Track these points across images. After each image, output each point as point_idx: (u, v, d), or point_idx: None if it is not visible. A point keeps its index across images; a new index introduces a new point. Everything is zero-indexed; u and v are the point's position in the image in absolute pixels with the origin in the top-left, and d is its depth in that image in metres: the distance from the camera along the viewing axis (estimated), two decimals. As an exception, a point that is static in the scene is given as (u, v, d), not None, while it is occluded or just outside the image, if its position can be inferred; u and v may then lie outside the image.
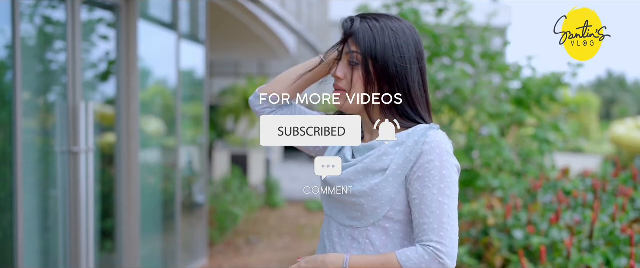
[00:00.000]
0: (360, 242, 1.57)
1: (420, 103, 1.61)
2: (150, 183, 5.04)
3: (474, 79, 5.67)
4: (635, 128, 15.90)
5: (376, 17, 1.62)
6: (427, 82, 1.65)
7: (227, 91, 14.43)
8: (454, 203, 1.51)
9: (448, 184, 1.51)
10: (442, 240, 1.47)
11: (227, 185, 9.02)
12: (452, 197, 1.51)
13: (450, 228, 1.48)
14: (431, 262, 1.45)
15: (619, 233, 3.21)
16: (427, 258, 1.46)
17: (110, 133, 4.38)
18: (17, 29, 3.23)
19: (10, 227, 3.24)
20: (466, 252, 3.98)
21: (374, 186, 1.54)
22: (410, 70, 1.59)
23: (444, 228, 1.48)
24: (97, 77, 4.32)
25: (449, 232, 1.48)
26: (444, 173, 1.51)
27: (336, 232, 1.62)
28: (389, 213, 1.55)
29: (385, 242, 1.56)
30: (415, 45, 1.61)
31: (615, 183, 4.45)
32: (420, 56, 1.62)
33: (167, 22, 5.20)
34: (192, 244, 5.78)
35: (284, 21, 6.96)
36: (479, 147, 5.25)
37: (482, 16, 6.45)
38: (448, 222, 1.48)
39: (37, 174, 3.59)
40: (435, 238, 1.47)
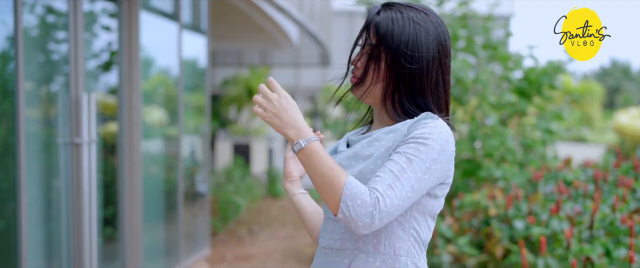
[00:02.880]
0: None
1: (435, 102, 1.57)
2: (153, 172, 5.06)
3: (476, 69, 5.67)
4: (638, 117, 15.86)
5: (402, 8, 1.57)
6: (449, 82, 1.60)
7: (230, 81, 14.43)
8: (416, 178, 1.44)
9: (421, 160, 1.45)
10: (387, 197, 1.40)
11: (229, 174, 9.05)
12: (418, 173, 1.44)
13: (398, 194, 1.41)
14: (366, 205, 1.38)
15: (619, 224, 3.22)
16: (367, 200, 1.38)
17: (113, 122, 4.39)
18: (19, 19, 3.24)
19: (13, 217, 3.27)
20: (467, 242, 3.99)
21: (362, 169, 1.52)
22: (425, 69, 1.54)
23: (393, 188, 1.41)
24: (100, 67, 4.33)
25: (396, 195, 1.41)
26: (421, 149, 1.46)
27: (331, 228, 1.62)
28: None
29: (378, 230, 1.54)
30: (437, 43, 1.55)
31: (616, 173, 4.46)
32: (442, 54, 1.56)
33: (169, 13, 5.20)
34: (195, 234, 5.81)
35: (285, 11, 6.95)
36: (481, 137, 5.26)
37: (485, 6, 6.43)
38: (400, 188, 1.42)
39: (40, 165, 3.61)
40: (382, 190, 1.40)
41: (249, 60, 15.25)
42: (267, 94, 1.51)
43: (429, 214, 1.58)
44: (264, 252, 6.47)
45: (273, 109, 1.49)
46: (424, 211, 1.56)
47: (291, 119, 1.49)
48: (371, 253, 1.54)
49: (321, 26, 11.22)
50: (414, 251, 1.56)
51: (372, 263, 1.53)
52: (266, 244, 6.83)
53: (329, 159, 1.45)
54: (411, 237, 1.55)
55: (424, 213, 1.56)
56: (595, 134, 26.11)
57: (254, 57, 15.29)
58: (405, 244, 1.54)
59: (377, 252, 1.54)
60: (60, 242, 3.70)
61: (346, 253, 1.57)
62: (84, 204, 3.63)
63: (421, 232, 1.57)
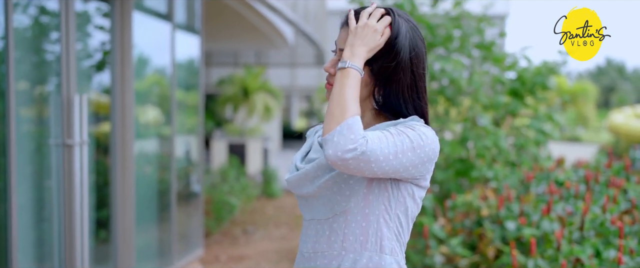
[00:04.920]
0: (338, 227, 1.59)
1: (410, 107, 1.61)
2: (146, 173, 5.06)
3: (469, 70, 5.67)
4: (633, 116, 15.91)
5: None
6: (423, 88, 1.63)
7: (226, 80, 14.44)
8: (401, 149, 1.49)
9: (408, 137, 1.50)
10: (373, 143, 1.45)
11: (224, 174, 9.04)
12: (403, 146, 1.49)
13: (383, 147, 1.46)
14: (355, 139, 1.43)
15: (609, 225, 3.23)
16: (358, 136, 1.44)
17: (106, 122, 4.39)
18: (10, 19, 3.24)
19: (4, 217, 3.26)
20: (459, 243, 4.00)
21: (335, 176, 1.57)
22: (401, 73, 1.58)
23: (380, 141, 1.46)
24: (93, 67, 4.32)
25: (380, 148, 1.46)
26: (409, 132, 1.52)
27: (314, 232, 1.64)
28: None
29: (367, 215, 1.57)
30: (411, 50, 1.60)
31: (608, 174, 4.47)
32: (416, 60, 1.61)
33: (162, 13, 5.20)
34: (188, 234, 5.81)
35: (278, 11, 6.95)
36: (474, 137, 5.27)
37: (479, 7, 6.44)
38: (386, 145, 1.46)
39: (32, 165, 3.60)
40: (370, 138, 1.46)
41: (244, 60, 15.26)
42: (363, 17, 1.59)
43: (410, 217, 1.63)
44: (258, 252, 6.47)
45: (355, 29, 1.58)
46: (407, 213, 1.61)
47: (355, 44, 1.56)
48: (358, 252, 1.58)
49: (316, 26, 11.22)
50: (397, 250, 1.61)
51: (359, 262, 1.57)
52: (260, 245, 6.83)
53: (356, 93, 1.51)
54: (394, 237, 1.60)
55: (407, 215, 1.62)
56: (590, 134, 26.16)
57: (249, 57, 15.30)
58: (390, 243, 1.59)
59: (364, 250, 1.58)
60: (52, 243, 3.70)
61: (333, 255, 1.60)
62: (76, 205, 3.63)
63: (402, 233, 1.62)
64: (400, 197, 1.59)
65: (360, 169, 1.45)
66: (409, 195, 1.60)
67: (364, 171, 1.46)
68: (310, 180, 1.61)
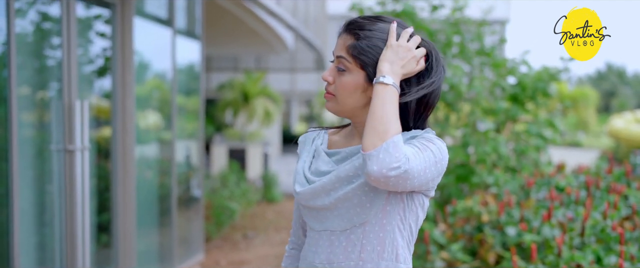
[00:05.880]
0: (357, 239, 1.59)
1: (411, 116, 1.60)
2: (147, 177, 5.06)
3: (469, 75, 5.68)
4: (633, 121, 15.91)
5: (373, 22, 1.60)
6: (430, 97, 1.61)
7: (226, 85, 14.45)
8: (428, 161, 1.50)
9: (432, 151, 1.52)
10: (413, 161, 1.46)
11: (224, 179, 9.04)
12: (429, 160, 1.51)
13: (420, 163, 1.48)
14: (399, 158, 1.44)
15: (610, 231, 3.22)
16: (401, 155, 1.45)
17: (107, 127, 4.40)
18: (12, 24, 3.25)
19: (6, 222, 3.27)
20: (460, 248, 4.00)
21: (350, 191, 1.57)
22: (415, 101, 1.59)
23: (416, 157, 1.48)
24: (95, 73, 4.33)
25: (418, 163, 1.47)
26: (430, 146, 1.53)
27: (327, 243, 1.62)
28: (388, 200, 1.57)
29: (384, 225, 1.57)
30: (436, 88, 1.60)
31: (608, 180, 4.47)
32: (436, 92, 1.61)
33: (163, 19, 5.21)
34: (189, 239, 5.81)
35: (278, 17, 6.97)
36: (474, 143, 5.27)
37: (479, 12, 6.45)
38: (421, 159, 1.48)
39: (33, 170, 3.61)
40: (410, 154, 1.47)
41: (244, 65, 15.27)
42: (404, 37, 1.58)
43: (419, 225, 1.65)
44: (259, 257, 6.47)
45: (397, 47, 1.56)
46: (417, 222, 1.63)
47: (395, 62, 1.55)
48: (376, 262, 1.58)
49: (316, 31, 11.23)
50: (409, 258, 1.63)
51: None
52: (260, 249, 6.83)
53: (396, 110, 1.51)
54: (406, 245, 1.62)
55: (417, 224, 1.63)
56: (591, 139, 26.16)
57: (249, 62, 15.30)
58: (404, 252, 1.61)
59: (381, 260, 1.58)
60: (53, 247, 3.70)
61: (351, 265, 1.59)
62: (77, 210, 3.63)
63: (412, 241, 1.64)
64: (413, 206, 1.59)
65: (397, 185, 1.46)
66: (419, 205, 1.61)
67: (399, 187, 1.47)
68: (327, 193, 1.60)
